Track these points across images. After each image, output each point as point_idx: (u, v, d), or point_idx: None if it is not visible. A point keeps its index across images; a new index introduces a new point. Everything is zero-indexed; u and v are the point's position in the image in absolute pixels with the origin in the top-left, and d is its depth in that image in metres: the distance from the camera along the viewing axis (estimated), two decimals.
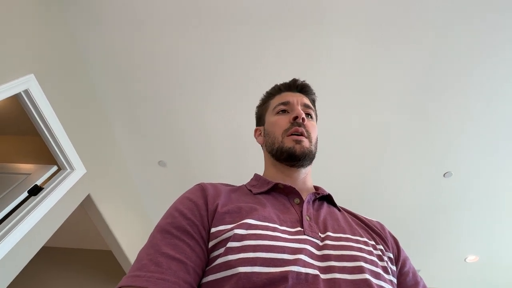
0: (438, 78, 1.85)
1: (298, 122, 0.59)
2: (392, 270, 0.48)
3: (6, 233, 1.49)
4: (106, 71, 2.10)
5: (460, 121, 2.00)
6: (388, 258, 0.49)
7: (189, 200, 0.48)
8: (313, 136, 0.61)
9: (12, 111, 2.50)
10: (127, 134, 2.42)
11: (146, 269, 0.37)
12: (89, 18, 1.87)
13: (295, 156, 0.57)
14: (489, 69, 1.76)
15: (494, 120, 1.96)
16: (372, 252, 0.46)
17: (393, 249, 0.53)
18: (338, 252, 0.44)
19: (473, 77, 1.81)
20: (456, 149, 2.14)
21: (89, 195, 2.06)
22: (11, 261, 1.51)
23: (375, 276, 0.42)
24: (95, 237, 2.97)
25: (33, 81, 1.63)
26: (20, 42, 1.59)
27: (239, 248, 0.40)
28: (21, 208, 1.64)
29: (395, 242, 0.56)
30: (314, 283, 0.38)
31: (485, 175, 2.22)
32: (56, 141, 1.79)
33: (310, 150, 0.59)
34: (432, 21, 1.66)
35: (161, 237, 0.42)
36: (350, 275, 0.40)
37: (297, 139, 0.58)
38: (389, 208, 2.58)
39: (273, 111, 0.65)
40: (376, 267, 0.44)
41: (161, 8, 1.79)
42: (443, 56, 1.77)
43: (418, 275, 0.53)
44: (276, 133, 0.61)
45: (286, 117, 0.62)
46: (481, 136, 2.04)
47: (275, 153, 0.60)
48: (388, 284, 0.43)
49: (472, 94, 1.88)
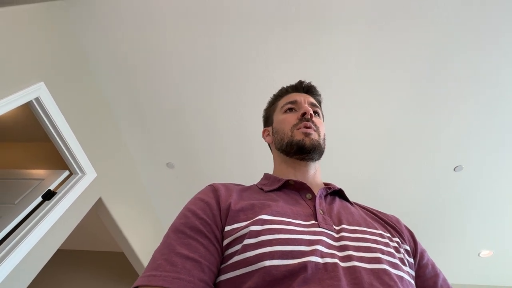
0: (447, 71, 1.82)
1: (306, 118, 0.61)
2: (410, 263, 0.48)
3: (23, 237, 1.54)
4: (113, 75, 2.13)
5: (470, 113, 1.96)
6: (405, 251, 0.49)
7: (201, 200, 0.49)
8: (321, 131, 0.63)
9: (24, 119, 2.57)
10: (134, 137, 2.46)
11: (161, 268, 0.38)
12: (94, 24, 1.90)
13: (304, 148, 0.58)
14: (500, 59, 1.73)
15: (506, 112, 1.91)
16: (388, 244, 0.46)
17: (409, 242, 0.53)
18: (355, 243, 0.44)
19: (483, 68, 1.77)
20: (466, 143, 2.10)
21: (100, 198, 2.10)
22: (28, 264, 1.56)
23: (393, 266, 0.42)
24: (107, 239, 3.03)
25: (43, 89, 1.67)
26: (30, 51, 1.63)
27: (256, 244, 0.40)
28: (36, 212, 1.69)
29: (411, 235, 0.56)
30: (334, 271, 0.38)
31: (497, 168, 2.18)
32: (67, 146, 1.84)
33: (319, 142, 0.60)
34: (438, 11, 1.63)
35: (175, 237, 0.43)
36: (369, 265, 0.40)
37: (306, 131, 0.59)
38: (400, 203, 2.55)
39: (281, 110, 0.67)
40: (394, 258, 0.44)
41: (164, 9, 1.81)
42: (451, 47, 1.74)
43: (437, 267, 0.53)
44: (285, 129, 0.63)
45: (294, 114, 0.64)
46: (493, 129, 2.00)
47: (285, 148, 0.61)
48: (406, 275, 0.43)
49: (483, 87, 1.84)
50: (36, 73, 1.65)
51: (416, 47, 1.76)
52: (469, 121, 2.00)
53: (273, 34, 1.83)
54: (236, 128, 2.26)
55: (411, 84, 1.91)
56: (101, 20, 1.88)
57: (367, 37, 1.77)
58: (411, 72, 1.86)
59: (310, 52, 1.87)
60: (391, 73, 1.88)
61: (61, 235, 1.77)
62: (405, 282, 0.41)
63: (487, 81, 1.82)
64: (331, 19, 1.73)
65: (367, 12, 1.69)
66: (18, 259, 1.49)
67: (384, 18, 1.69)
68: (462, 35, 1.68)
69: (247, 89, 2.08)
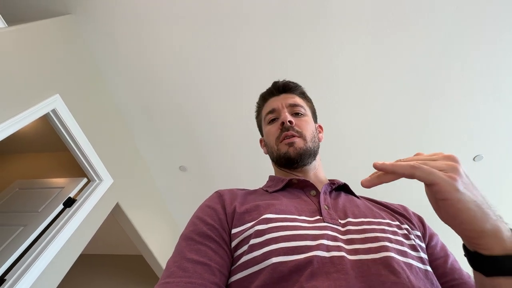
0: (460, 58, 1.76)
1: (286, 127, 0.61)
2: (422, 247, 0.48)
3: (48, 243, 1.61)
4: (124, 84, 2.19)
5: (488, 100, 1.89)
6: (416, 236, 0.49)
7: (208, 207, 0.51)
8: (307, 133, 0.61)
9: (43, 130, 2.69)
10: (147, 142, 2.52)
11: (174, 275, 0.40)
12: (105, 36, 1.96)
13: (291, 159, 0.59)
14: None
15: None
16: (396, 232, 0.46)
17: (419, 227, 0.53)
18: (361, 235, 0.44)
19: (499, 55, 1.70)
20: (486, 131, 2.02)
21: (118, 203, 2.17)
22: (55, 269, 1.62)
23: (401, 254, 0.42)
24: (126, 243, 3.12)
25: (59, 100, 1.74)
26: (45, 65, 1.70)
27: (262, 243, 0.41)
28: (58, 219, 1.76)
29: (420, 220, 0.55)
30: (340, 263, 0.39)
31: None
32: (84, 154, 1.90)
33: (306, 148, 0.60)
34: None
35: (185, 244, 0.45)
36: (376, 255, 0.40)
37: (289, 141, 0.60)
38: (419, 196, 2.48)
39: (265, 121, 0.68)
40: (402, 245, 0.44)
41: (172, 16, 1.84)
42: (462, 34, 1.68)
43: (447, 249, 0.52)
44: (271, 142, 0.64)
45: (275, 124, 0.64)
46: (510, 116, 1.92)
47: (276, 161, 0.63)
48: (417, 261, 0.43)
49: (499, 74, 1.77)
50: (51, 86, 1.72)
51: (426, 39, 1.71)
52: (487, 108, 1.92)
53: (279, 34, 1.82)
54: (245, 129, 2.27)
55: (422, 76, 1.86)
56: (109, 30, 1.93)
57: (373, 29, 1.73)
58: (420, 65, 1.81)
59: (315, 51, 1.85)
60: (402, 67, 1.84)
61: (83, 240, 1.84)
62: (414, 270, 0.41)
63: (505, 68, 1.74)
64: (333, 17, 1.71)
65: (369, 8, 1.66)
66: (45, 264, 1.56)
67: (389, 7, 1.66)
68: (476, 16, 1.62)
69: (255, 90, 2.08)
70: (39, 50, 1.67)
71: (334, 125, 2.12)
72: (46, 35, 1.73)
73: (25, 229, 1.72)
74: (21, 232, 1.71)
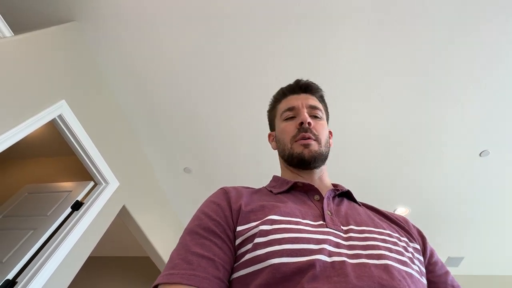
0: (463, 54, 1.75)
1: (304, 128, 0.60)
2: (420, 260, 0.48)
3: (57, 245, 1.65)
4: (128, 88, 2.22)
5: (494, 95, 1.88)
6: (414, 249, 0.50)
7: (213, 203, 0.51)
8: (322, 137, 0.62)
9: (50, 135, 2.74)
10: (151, 145, 2.55)
11: (179, 267, 0.40)
12: (108, 41, 1.99)
13: (304, 161, 0.59)
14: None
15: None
16: (397, 243, 0.47)
17: (418, 240, 0.54)
18: (363, 242, 0.45)
19: (506, 49, 1.69)
20: (492, 125, 2.00)
21: (124, 205, 2.20)
22: (64, 271, 1.66)
23: (402, 263, 0.43)
24: (133, 245, 3.16)
25: (65, 106, 1.78)
26: (51, 72, 1.73)
27: (265, 243, 0.42)
28: (67, 222, 1.80)
29: (419, 234, 0.56)
30: (341, 268, 0.39)
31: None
32: (90, 158, 1.94)
33: (320, 152, 0.60)
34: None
35: (190, 238, 0.45)
36: (377, 261, 0.41)
37: (305, 143, 0.59)
38: (425, 191, 2.47)
39: (281, 118, 0.66)
40: (403, 256, 0.44)
41: (174, 21, 1.87)
42: (466, 29, 1.67)
43: (445, 265, 0.54)
44: (285, 140, 0.63)
45: (293, 122, 0.63)
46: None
47: (287, 159, 0.63)
48: (416, 272, 0.44)
49: (505, 68, 1.76)
50: (57, 92, 1.75)
51: (429, 34, 1.71)
52: (494, 102, 1.91)
53: (281, 34, 1.84)
54: (249, 130, 2.29)
55: (426, 75, 1.85)
56: (113, 36, 1.97)
57: (375, 31, 1.74)
58: (423, 63, 1.81)
59: (319, 50, 1.86)
60: (407, 66, 1.84)
61: (91, 242, 1.87)
62: (414, 279, 0.42)
63: (506, 63, 1.73)
64: (337, 17, 1.72)
65: (371, 7, 1.66)
66: (55, 266, 1.59)
67: (388, 10, 1.66)
68: (481, 10, 1.61)
69: (259, 91, 2.10)
70: (45, 58, 1.71)
71: (338, 126, 2.13)
72: (51, 43, 1.77)
73: (35, 233, 1.76)
74: (31, 235, 1.74)
